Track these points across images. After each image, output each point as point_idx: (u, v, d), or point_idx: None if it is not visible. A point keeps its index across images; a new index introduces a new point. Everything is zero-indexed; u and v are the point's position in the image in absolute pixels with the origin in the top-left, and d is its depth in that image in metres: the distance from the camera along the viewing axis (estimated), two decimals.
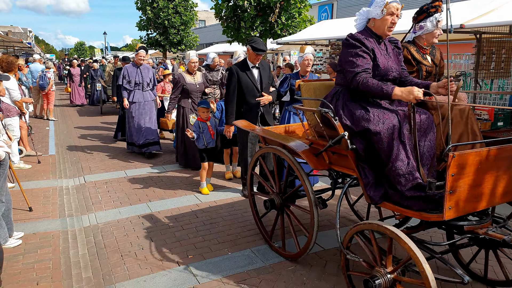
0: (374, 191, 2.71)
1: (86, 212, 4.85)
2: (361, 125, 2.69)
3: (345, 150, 2.78)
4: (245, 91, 4.89)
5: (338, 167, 3.08)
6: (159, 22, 22.64)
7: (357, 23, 3.05)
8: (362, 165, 2.76)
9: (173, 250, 3.82)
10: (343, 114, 2.85)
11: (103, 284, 3.28)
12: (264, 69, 5.04)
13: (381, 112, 2.70)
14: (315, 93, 3.42)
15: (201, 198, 5.23)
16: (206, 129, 5.37)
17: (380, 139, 2.60)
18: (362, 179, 2.75)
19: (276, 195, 3.67)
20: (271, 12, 13.14)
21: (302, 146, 3.30)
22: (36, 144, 8.27)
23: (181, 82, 6.35)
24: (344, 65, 2.92)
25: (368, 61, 2.85)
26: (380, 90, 2.69)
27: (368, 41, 2.89)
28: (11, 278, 3.30)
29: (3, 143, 3.59)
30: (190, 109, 6.48)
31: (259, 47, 4.76)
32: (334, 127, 2.85)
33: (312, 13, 16.36)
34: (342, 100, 2.94)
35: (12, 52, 19.67)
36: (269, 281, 3.28)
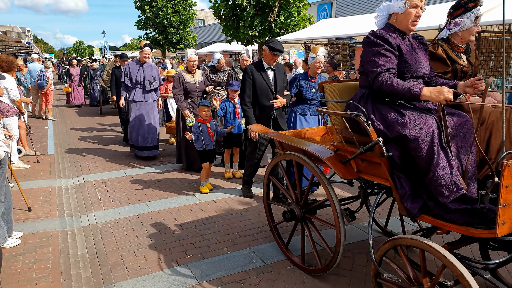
0: (411, 203, 2.46)
1: (85, 211, 4.84)
2: (396, 130, 2.46)
3: (379, 158, 2.53)
4: (259, 93, 4.77)
5: (368, 176, 2.81)
6: (158, 21, 22.64)
7: (378, 20, 2.84)
8: (398, 174, 2.50)
9: (172, 250, 3.82)
10: (374, 118, 2.61)
11: (102, 283, 3.28)
12: (279, 71, 4.89)
13: (417, 116, 2.46)
14: (340, 95, 3.15)
15: (200, 198, 5.23)
16: (205, 131, 5.27)
17: (418, 146, 2.37)
18: (398, 189, 2.50)
19: (296, 205, 3.43)
20: (270, 11, 13.14)
21: (327, 153, 3.02)
22: (35, 143, 8.26)
23: (181, 81, 6.18)
24: (366, 66, 2.72)
25: (392, 60, 2.64)
26: (407, 90, 2.47)
27: (391, 37, 2.67)
28: (10, 278, 3.30)
29: (2, 143, 3.59)
30: (189, 109, 6.27)
31: (277, 47, 4.62)
32: (364, 132, 2.63)
33: (311, 12, 16.35)
34: (371, 103, 2.70)
35: (11, 51, 19.66)
36: (269, 280, 3.28)
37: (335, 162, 2.92)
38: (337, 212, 2.90)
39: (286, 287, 3.18)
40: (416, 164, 2.43)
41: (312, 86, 5.03)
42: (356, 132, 2.72)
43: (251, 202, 5.03)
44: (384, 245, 2.49)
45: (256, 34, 13.57)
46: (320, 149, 3.11)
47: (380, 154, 2.50)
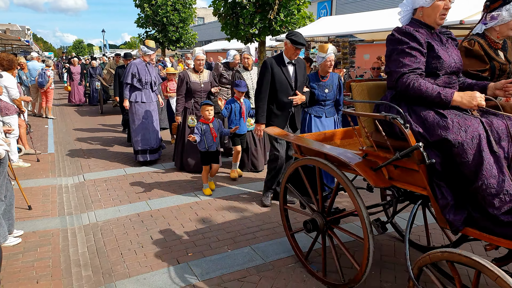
0: (454, 215, 2.22)
1: (85, 210, 4.84)
2: (437, 134, 2.23)
3: (417, 165, 2.30)
4: (278, 88, 4.45)
5: (402, 184, 2.55)
6: (158, 19, 22.61)
7: (402, 16, 2.64)
8: (438, 182, 2.26)
9: (172, 248, 3.82)
10: (411, 120, 2.39)
11: (103, 282, 3.28)
12: (300, 66, 4.58)
13: (461, 117, 2.23)
14: (368, 95, 2.88)
15: (200, 196, 5.22)
16: (208, 132, 5.10)
17: (463, 151, 2.14)
18: (438, 199, 2.26)
19: (318, 214, 3.19)
20: (270, 9, 13.10)
21: (355, 158, 2.75)
22: (35, 142, 8.26)
23: (185, 80, 5.96)
24: (390, 65, 2.53)
25: (418, 59, 2.42)
26: (437, 95, 2.28)
27: (419, 33, 2.46)
28: (11, 277, 3.30)
29: (2, 141, 3.58)
30: (191, 110, 6.10)
31: (299, 41, 4.31)
32: (399, 136, 2.42)
33: (311, 9, 16.32)
34: (405, 103, 2.47)
35: (10, 50, 19.61)
36: (269, 278, 3.28)
37: (365, 168, 2.66)
38: (366, 223, 2.64)
39: (287, 285, 3.18)
40: (461, 171, 2.19)
41: (324, 86, 4.78)
42: (389, 136, 2.50)
43: (252, 200, 5.03)
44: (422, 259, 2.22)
45: (256, 32, 13.54)
46: (347, 154, 2.84)
47: (419, 161, 2.27)
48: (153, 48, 6.55)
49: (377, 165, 2.63)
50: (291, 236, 3.57)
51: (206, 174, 5.30)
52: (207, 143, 5.11)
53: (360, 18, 11.40)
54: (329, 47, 4.71)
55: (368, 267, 2.72)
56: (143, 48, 6.52)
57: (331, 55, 4.68)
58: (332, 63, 4.73)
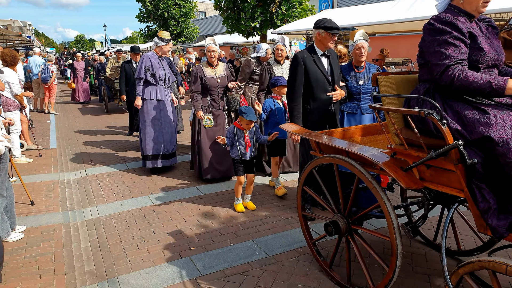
0: (497, 220, 2.04)
1: (88, 205, 4.85)
2: (478, 132, 2.05)
3: (454, 165, 2.12)
4: (314, 85, 3.98)
5: (436, 185, 2.35)
6: (159, 13, 22.56)
7: (439, 2, 2.43)
8: (478, 184, 2.08)
9: (175, 242, 3.82)
10: (447, 116, 2.22)
11: (105, 276, 3.29)
12: (333, 58, 4.12)
13: (506, 113, 2.06)
14: (397, 89, 2.69)
15: (202, 190, 5.22)
16: (241, 138, 4.45)
17: (509, 151, 1.96)
18: (479, 203, 2.08)
19: (340, 216, 2.99)
20: (272, 3, 13.04)
21: (383, 157, 2.55)
22: (37, 138, 8.27)
23: (199, 75, 5.31)
24: (429, 57, 2.32)
25: (463, 50, 2.23)
26: (487, 84, 2.08)
27: (460, 22, 2.26)
28: (13, 272, 3.31)
29: (2, 137, 3.58)
30: (208, 108, 5.42)
31: (334, 26, 3.87)
32: (433, 134, 2.26)
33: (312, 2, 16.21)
34: (440, 98, 2.31)
35: (12, 46, 19.61)
36: (272, 272, 3.27)
37: (395, 168, 2.45)
38: (394, 225, 2.44)
39: (289, 278, 3.18)
40: (505, 172, 2.01)
41: (358, 77, 4.25)
42: (422, 133, 2.32)
43: (254, 194, 5.01)
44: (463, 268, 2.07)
45: (257, 25, 13.48)
46: (373, 152, 2.63)
47: (457, 160, 2.09)
48: (165, 39, 5.89)
49: (406, 164, 2.43)
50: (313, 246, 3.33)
51: (239, 187, 4.57)
52: (240, 150, 4.46)
53: (362, 11, 11.31)
54: (357, 33, 4.20)
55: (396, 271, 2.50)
56: (155, 39, 5.96)
57: (361, 41, 4.15)
58: (363, 50, 4.17)
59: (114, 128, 9.80)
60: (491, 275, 1.94)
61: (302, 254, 3.52)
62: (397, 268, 2.47)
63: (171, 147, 5.96)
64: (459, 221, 3.83)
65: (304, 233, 3.43)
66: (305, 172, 3.25)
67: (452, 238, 3.56)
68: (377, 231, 2.92)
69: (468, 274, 2.04)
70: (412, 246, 3.64)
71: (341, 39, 11.47)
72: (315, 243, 3.34)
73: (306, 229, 3.42)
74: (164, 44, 5.87)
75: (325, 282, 3.11)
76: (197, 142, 5.47)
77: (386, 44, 11.92)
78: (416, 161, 2.35)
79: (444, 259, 2.24)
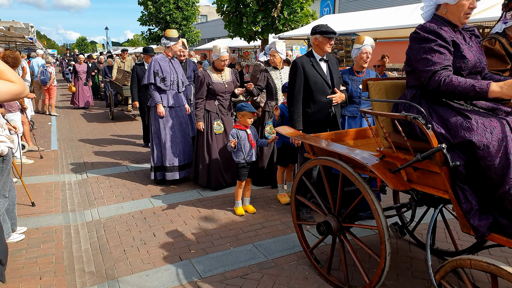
0: (479, 220, 2.13)
1: (88, 207, 4.86)
2: (461, 135, 2.14)
3: (439, 167, 2.21)
4: (314, 88, 4.05)
5: (422, 186, 2.46)
6: (161, 17, 22.65)
7: (425, 11, 2.55)
8: (461, 185, 2.17)
9: (175, 245, 3.82)
10: (432, 121, 2.31)
11: (105, 278, 3.29)
12: (332, 62, 4.21)
13: (486, 118, 2.15)
14: (387, 95, 2.78)
15: (203, 193, 5.23)
16: (245, 139, 4.41)
17: (489, 154, 2.05)
18: (462, 204, 2.17)
19: (331, 216, 3.08)
20: (273, 7, 13.10)
21: (372, 160, 2.65)
22: (39, 139, 8.29)
23: (206, 81, 5.11)
24: (416, 64, 2.41)
25: (447, 57, 2.33)
26: (471, 88, 2.16)
27: (444, 31, 2.37)
28: (14, 273, 3.32)
29: (5, 138, 3.60)
30: (216, 114, 5.21)
31: (329, 30, 3.95)
32: (419, 137, 2.35)
33: (314, 7, 16.30)
34: (426, 103, 2.40)
35: (14, 47, 19.67)
36: (272, 275, 3.28)
37: (383, 170, 2.55)
38: (383, 226, 2.53)
39: (289, 282, 3.18)
40: (486, 175, 2.09)
41: (358, 81, 4.33)
42: (409, 137, 2.42)
43: (254, 197, 5.02)
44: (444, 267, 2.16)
45: (259, 30, 13.54)
46: (364, 154, 2.74)
47: (442, 163, 2.17)
48: (173, 37, 5.45)
49: (395, 166, 2.53)
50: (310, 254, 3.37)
51: (240, 190, 4.57)
52: (245, 152, 4.44)
53: (363, 16, 11.36)
54: (366, 39, 4.27)
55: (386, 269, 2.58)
56: (163, 40, 5.51)
57: (367, 47, 4.21)
58: (368, 55, 4.25)
59: (113, 129, 9.81)
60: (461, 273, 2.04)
61: (301, 258, 3.53)
62: (388, 256, 2.55)
63: (185, 157, 5.59)
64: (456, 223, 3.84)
65: (301, 242, 3.48)
66: (296, 180, 3.35)
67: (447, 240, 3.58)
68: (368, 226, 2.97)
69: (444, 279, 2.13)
70: (412, 251, 3.65)
71: (342, 44, 11.51)
72: (312, 251, 3.38)
73: (303, 238, 3.48)
74: (174, 43, 5.46)
75: (325, 286, 3.12)
76: (207, 149, 5.21)
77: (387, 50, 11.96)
78: (404, 164, 2.45)
79: (429, 257, 2.31)
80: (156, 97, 5.38)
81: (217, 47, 5.17)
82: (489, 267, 1.93)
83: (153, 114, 5.50)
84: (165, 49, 5.55)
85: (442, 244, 3.73)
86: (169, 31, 5.54)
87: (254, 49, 18.43)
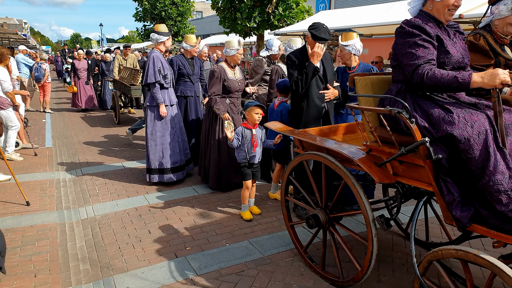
0: (461, 211, 2.18)
1: (83, 204, 4.83)
2: (443, 129, 2.20)
3: (423, 160, 2.27)
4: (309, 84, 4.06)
5: (408, 179, 2.51)
6: (156, 13, 22.52)
7: (411, 7, 2.60)
8: (444, 178, 2.23)
9: (171, 242, 3.82)
10: (416, 115, 2.36)
11: (101, 276, 3.28)
12: (326, 59, 4.19)
13: (467, 112, 2.20)
14: (373, 89, 2.83)
15: (198, 190, 5.22)
16: (249, 139, 4.29)
17: (470, 147, 2.10)
18: (444, 195, 2.23)
19: (320, 210, 3.13)
20: (269, 3, 13.05)
21: (359, 154, 2.71)
22: (33, 136, 8.24)
23: (222, 77, 4.87)
24: (401, 58, 2.47)
25: (431, 51, 2.38)
26: (454, 79, 2.21)
27: (428, 26, 2.42)
28: (8, 271, 3.29)
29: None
30: (227, 113, 4.97)
31: (321, 36, 3.91)
32: (404, 131, 2.39)
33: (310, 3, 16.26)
34: (410, 98, 2.45)
35: (8, 44, 19.48)
36: (267, 272, 3.28)
37: (369, 164, 2.61)
38: (370, 220, 2.60)
39: (285, 278, 3.19)
40: (467, 167, 2.15)
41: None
42: (394, 131, 2.46)
43: None
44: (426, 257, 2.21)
45: (254, 26, 13.50)
46: (351, 149, 2.79)
47: (425, 156, 2.23)
48: (166, 32, 5.32)
49: (381, 160, 2.58)
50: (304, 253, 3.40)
51: (246, 192, 4.38)
52: (248, 152, 4.29)
53: (359, 12, 11.36)
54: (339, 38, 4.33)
55: (372, 263, 2.66)
56: (155, 36, 5.31)
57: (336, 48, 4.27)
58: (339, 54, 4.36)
59: (109, 127, 9.76)
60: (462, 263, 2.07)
61: (297, 255, 3.53)
62: (374, 237, 2.60)
63: (183, 157, 5.52)
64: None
65: (295, 243, 3.51)
66: (287, 170, 3.38)
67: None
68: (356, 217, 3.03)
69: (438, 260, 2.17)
70: (407, 247, 3.66)
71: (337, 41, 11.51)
72: (306, 250, 3.40)
73: (296, 239, 3.50)
74: (167, 38, 5.31)
75: (320, 282, 3.13)
76: (218, 149, 5.02)
77: (382, 46, 11.98)
78: (389, 157, 2.50)
79: (413, 248, 2.37)
80: (160, 97, 5.19)
81: (232, 42, 4.92)
82: (457, 253, 2.02)
83: (151, 114, 5.27)
84: (156, 45, 5.35)
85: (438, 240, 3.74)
86: (160, 26, 5.40)
87: (250, 45, 18.37)
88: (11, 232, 4.01)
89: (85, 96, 12.10)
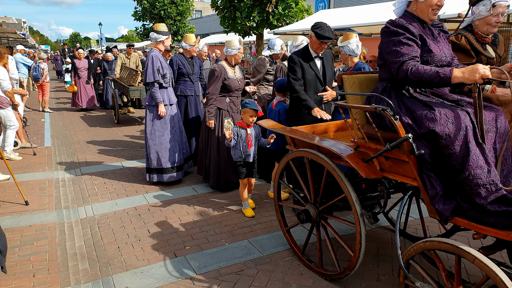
0: (443, 205, 2.27)
1: (82, 204, 4.83)
2: (425, 126, 2.28)
3: (407, 156, 2.35)
4: (307, 84, 4.11)
5: (394, 175, 2.59)
6: (155, 12, 22.51)
7: (396, 8, 2.69)
8: (427, 173, 2.31)
9: (170, 241, 3.81)
10: (401, 112, 2.45)
11: (100, 275, 3.28)
12: (327, 59, 4.24)
13: (448, 110, 2.28)
14: (360, 88, 2.91)
15: (198, 190, 5.21)
16: (244, 138, 4.32)
17: (451, 143, 2.20)
18: (428, 190, 2.31)
19: (311, 205, 3.22)
20: (268, 2, 13.05)
21: (347, 150, 2.81)
22: (32, 136, 8.23)
23: (222, 76, 4.85)
24: (387, 56, 2.55)
25: (415, 49, 2.47)
26: (436, 75, 2.28)
27: (412, 26, 2.51)
28: (7, 270, 3.28)
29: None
30: (227, 112, 4.97)
31: (325, 34, 3.93)
32: (389, 128, 2.47)
33: (309, 3, 16.25)
34: (395, 96, 2.54)
35: (6, 43, 19.46)
36: (267, 271, 3.28)
37: (357, 160, 2.70)
38: (358, 213, 2.70)
39: (284, 278, 3.18)
40: (449, 162, 2.23)
41: None
42: (380, 128, 2.54)
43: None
44: (411, 249, 2.32)
45: (254, 25, 13.49)
46: (339, 145, 2.89)
47: (409, 152, 2.31)
48: (165, 31, 5.28)
49: (368, 156, 2.67)
50: (287, 232, 3.55)
51: (244, 190, 4.43)
52: (243, 151, 4.33)
53: (358, 12, 11.35)
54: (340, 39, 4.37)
55: (362, 251, 2.75)
56: (154, 35, 5.28)
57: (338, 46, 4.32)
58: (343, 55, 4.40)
59: (107, 127, 9.75)
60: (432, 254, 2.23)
61: (295, 255, 3.52)
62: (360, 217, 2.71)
63: (183, 156, 5.56)
64: None
65: (292, 247, 3.53)
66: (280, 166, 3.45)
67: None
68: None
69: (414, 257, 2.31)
70: (406, 246, 3.65)
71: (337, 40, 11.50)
72: (304, 252, 3.42)
73: (293, 243, 3.54)
74: (166, 37, 5.27)
75: (320, 281, 3.12)
76: (217, 149, 5.00)
77: None
78: (375, 153, 2.59)
79: (397, 241, 2.48)
80: (159, 96, 5.17)
81: (233, 41, 4.89)
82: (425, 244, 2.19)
83: (150, 114, 5.26)
84: (156, 44, 5.31)
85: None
86: (159, 25, 5.36)
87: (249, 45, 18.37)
88: (10, 232, 4.00)
89: (85, 96, 12.02)
